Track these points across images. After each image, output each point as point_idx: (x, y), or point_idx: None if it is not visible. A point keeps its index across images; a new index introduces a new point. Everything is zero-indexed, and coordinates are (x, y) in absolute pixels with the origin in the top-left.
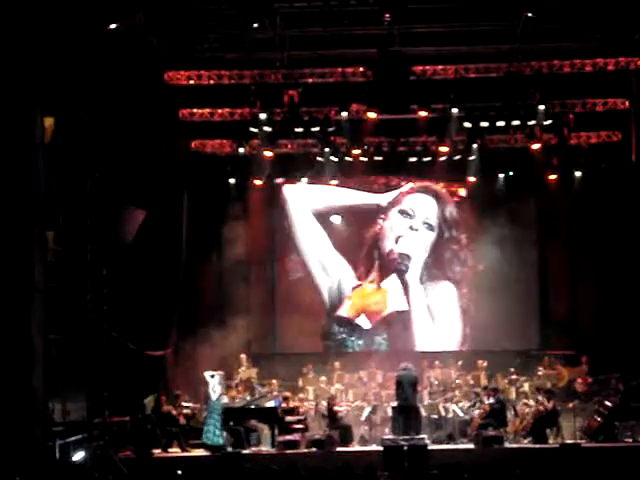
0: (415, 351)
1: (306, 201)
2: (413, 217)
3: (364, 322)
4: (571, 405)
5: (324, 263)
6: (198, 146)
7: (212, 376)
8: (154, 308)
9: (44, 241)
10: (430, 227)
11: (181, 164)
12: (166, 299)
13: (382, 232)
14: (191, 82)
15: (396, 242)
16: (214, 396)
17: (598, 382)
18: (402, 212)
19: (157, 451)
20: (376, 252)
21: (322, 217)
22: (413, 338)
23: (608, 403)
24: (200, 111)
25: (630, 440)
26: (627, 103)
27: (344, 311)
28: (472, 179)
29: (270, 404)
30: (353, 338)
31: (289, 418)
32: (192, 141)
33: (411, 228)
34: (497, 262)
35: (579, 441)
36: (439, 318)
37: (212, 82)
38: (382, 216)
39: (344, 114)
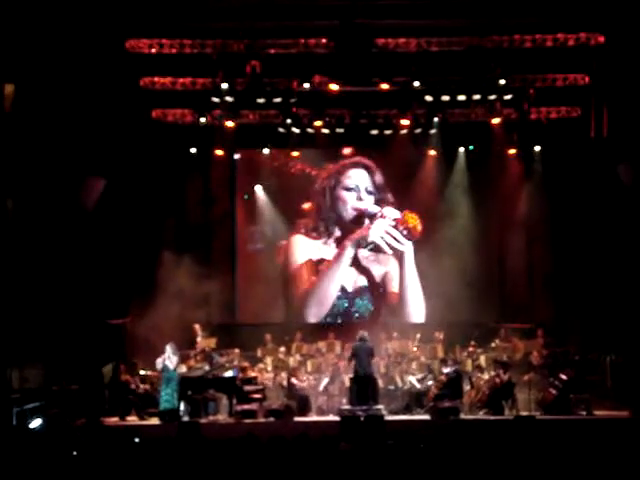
0: (375, 322)
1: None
2: (358, 190)
3: (348, 283)
4: (527, 378)
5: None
6: (159, 115)
7: (166, 346)
8: (114, 276)
9: (5, 210)
10: (370, 193)
11: (142, 133)
12: (126, 267)
13: (336, 205)
14: (153, 50)
15: (356, 211)
16: (171, 365)
17: (554, 355)
18: (347, 189)
19: (114, 419)
20: (332, 224)
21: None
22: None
23: (563, 376)
24: (162, 80)
25: (584, 413)
26: (587, 79)
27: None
28: (433, 152)
29: (228, 374)
30: (341, 297)
31: (247, 388)
32: (153, 110)
33: (359, 199)
34: (456, 236)
35: (534, 413)
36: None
37: (174, 51)
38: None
39: (306, 85)
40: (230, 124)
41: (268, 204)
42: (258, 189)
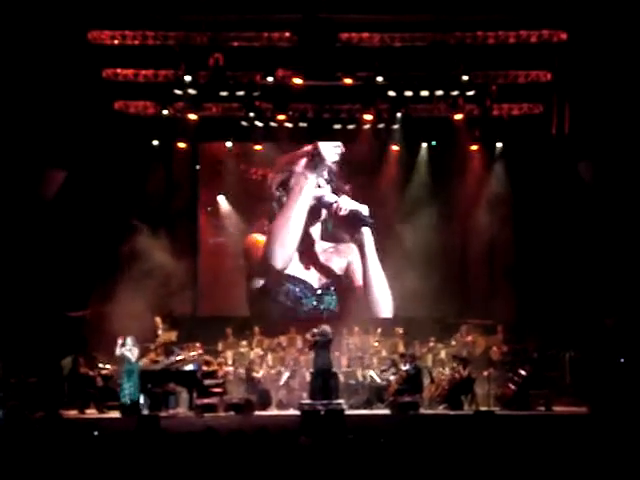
0: (343, 317)
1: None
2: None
3: (313, 280)
4: (486, 373)
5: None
6: (121, 107)
7: (127, 338)
8: (74, 268)
9: None
10: (327, 181)
11: (104, 124)
12: (86, 259)
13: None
14: (115, 42)
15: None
16: (132, 357)
17: (513, 351)
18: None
19: (73, 412)
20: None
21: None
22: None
23: (522, 372)
24: (124, 71)
25: (543, 409)
26: (549, 76)
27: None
28: (395, 147)
29: (189, 367)
30: (309, 296)
31: (208, 382)
32: (115, 101)
33: (318, 186)
34: (417, 232)
35: (493, 408)
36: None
37: (137, 42)
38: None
39: (269, 79)
40: (193, 117)
41: (231, 213)
42: (221, 199)
